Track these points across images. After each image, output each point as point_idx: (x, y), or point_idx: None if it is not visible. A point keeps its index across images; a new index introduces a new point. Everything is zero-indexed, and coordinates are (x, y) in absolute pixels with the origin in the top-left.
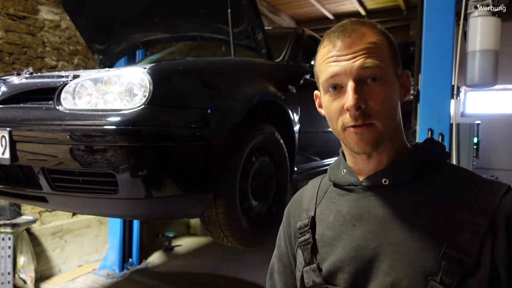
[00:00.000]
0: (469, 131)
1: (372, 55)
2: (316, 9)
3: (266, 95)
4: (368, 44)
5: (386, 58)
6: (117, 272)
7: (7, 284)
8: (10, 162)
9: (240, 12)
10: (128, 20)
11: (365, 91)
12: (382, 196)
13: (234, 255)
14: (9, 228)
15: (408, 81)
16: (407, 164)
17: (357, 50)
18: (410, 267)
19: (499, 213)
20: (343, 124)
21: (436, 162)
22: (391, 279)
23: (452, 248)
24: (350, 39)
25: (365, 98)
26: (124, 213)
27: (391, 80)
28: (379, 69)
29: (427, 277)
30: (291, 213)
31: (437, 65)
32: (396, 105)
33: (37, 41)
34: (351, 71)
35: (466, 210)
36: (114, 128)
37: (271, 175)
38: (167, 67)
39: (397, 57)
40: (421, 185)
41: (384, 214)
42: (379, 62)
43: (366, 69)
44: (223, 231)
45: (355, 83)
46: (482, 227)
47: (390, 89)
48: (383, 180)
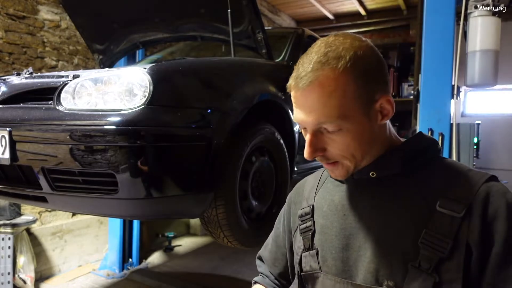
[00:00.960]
0: (469, 131)
1: (328, 109)
2: (316, 9)
3: (266, 95)
4: (324, 96)
5: (347, 102)
6: (117, 272)
7: (7, 284)
8: (10, 162)
9: (240, 12)
10: (128, 20)
11: (324, 138)
12: (370, 188)
13: (234, 255)
14: (9, 228)
15: (388, 104)
16: (393, 158)
17: (312, 105)
18: (392, 254)
19: (476, 199)
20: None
21: (426, 156)
22: (375, 265)
23: (430, 234)
24: (306, 91)
25: (323, 146)
26: (124, 213)
27: (353, 124)
28: (334, 124)
29: (406, 263)
30: (292, 200)
31: (437, 65)
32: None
33: (37, 41)
34: (307, 124)
35: (446, 197)
36: (114, 128)
37: (271, 175)
38: (167, 67)
39: (370, 85)
40: (408, 178)
41: (371, 204)
42: (335, 117)
43: (321, 124)
44: (223, 231)
45: (311, 136)
46: (458, 213)
47: (350, 134)
48: (371, 173)
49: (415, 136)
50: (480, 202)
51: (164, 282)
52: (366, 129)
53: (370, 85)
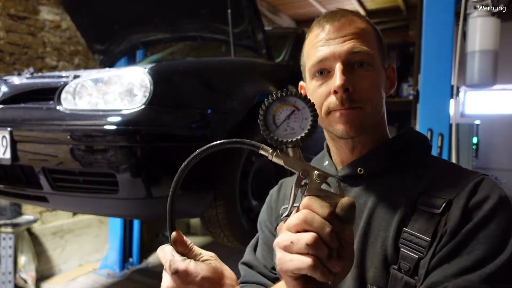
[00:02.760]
0: (469, 131)
1: (361, 41)
2: (316, 9)
3: (267, 95)
4: (357, 29)
5: (374, 46)
6: (117, 272)
7: (8, 284)
8: (11, 162)
9: (240, 12)
10: (129, 20)
11: (352, 76)
12: (356, 186)
13: (234, 255)
14: (10, 227)
15: (394, 74)
16: (382, 154)
17: (346, 34)
18: (374, 257)
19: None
20: (328, 108)
21: (414, 152)
22: (359, 270)
23: (409, 233)
24: (339, 22)
25: (352, 82)
26: (124, 212)
27: (378, 68)
28: (368, 55)
29: (388, 266)
30: (273, 198)
31: (436, 65)
32: (382, 94)
33: (38, 42)
34: (340, 54)
35: (427, 194)
36: (115, 128)
37: (271, 175)
38: (168, 67)
39: (383, 49)
40: (396, 175)
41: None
42: (368, 48)
43: (355, 54)
44: (223, 231)
45: (343, 66)
46: (437, 208)
47: (378, 76)
48: (358, 169)
49: (405, 132)
50: (465, 194)
51: None
52: (383, 85)
53: (384, 50)
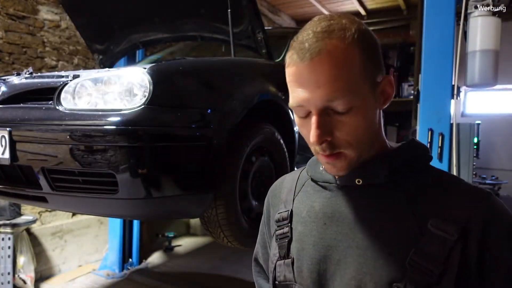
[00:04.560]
0: (469, 131)
1: (339, 83)
2: (316, 9)
3: (266, 95)
4: (333, 68)
5: (356, 77)
6: (117, 272)
7: (7, 284)
8: (10, 162)
9: (240, 12)
10: (128, 20)
11: (331, 123)
12: (354, 197)
13: (234, 255)
14: (9, 228)
15: (389, 86)
16: (382, 165)
17: (319, 78)
18: (376, 271)
19: (472, 221)
20: (315, 150)
21: (416, 165)
22: (356, 282)
23: (419, 255)
24: (313, 63)
25: (331, 130)
26: (124, 213)
27: (363, 102)
28: (347, 99)
29: (391, 283)
30: (270, 203)
31: (437, 65)
32: (368, 125)
33: (37, 41)
34: (315, 104)
35: (438, 217)
36: (114, 128)
37: (271, 175)
38: (167, 67)
39: (374, 62)
40: (396, 188)
41: (354, 215)
42: (347, 91)
43: (330, 102)
44: (223, 231)
45: (318, 117)
46: (452, 235)
47: (360, 114)
48: (357, 180)
49: (407, 143)
50: (476, 225)
51: (164, 282)
52: (373, 111)
53: (374, 61)
